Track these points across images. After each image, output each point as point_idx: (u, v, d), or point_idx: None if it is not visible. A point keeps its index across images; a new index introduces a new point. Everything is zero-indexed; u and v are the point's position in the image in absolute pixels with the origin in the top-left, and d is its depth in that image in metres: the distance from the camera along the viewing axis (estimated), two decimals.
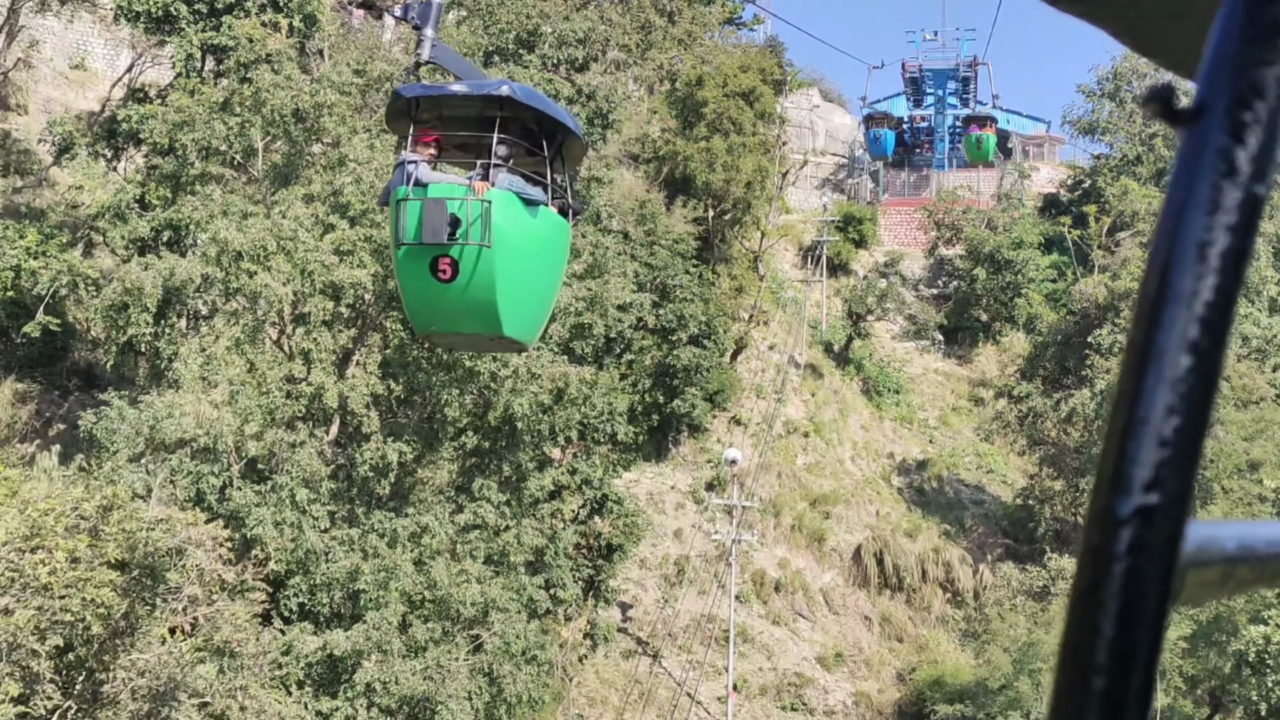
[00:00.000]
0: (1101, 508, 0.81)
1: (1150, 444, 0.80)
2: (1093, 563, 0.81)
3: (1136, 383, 0.81)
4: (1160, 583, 0.80)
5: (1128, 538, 0.80)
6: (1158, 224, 0.83)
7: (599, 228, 44.61)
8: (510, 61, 42.01)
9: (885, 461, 64.68)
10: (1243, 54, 0.84)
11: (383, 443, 33.86)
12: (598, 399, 41.77)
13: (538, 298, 14.67)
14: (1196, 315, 0.81)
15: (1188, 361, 0.81)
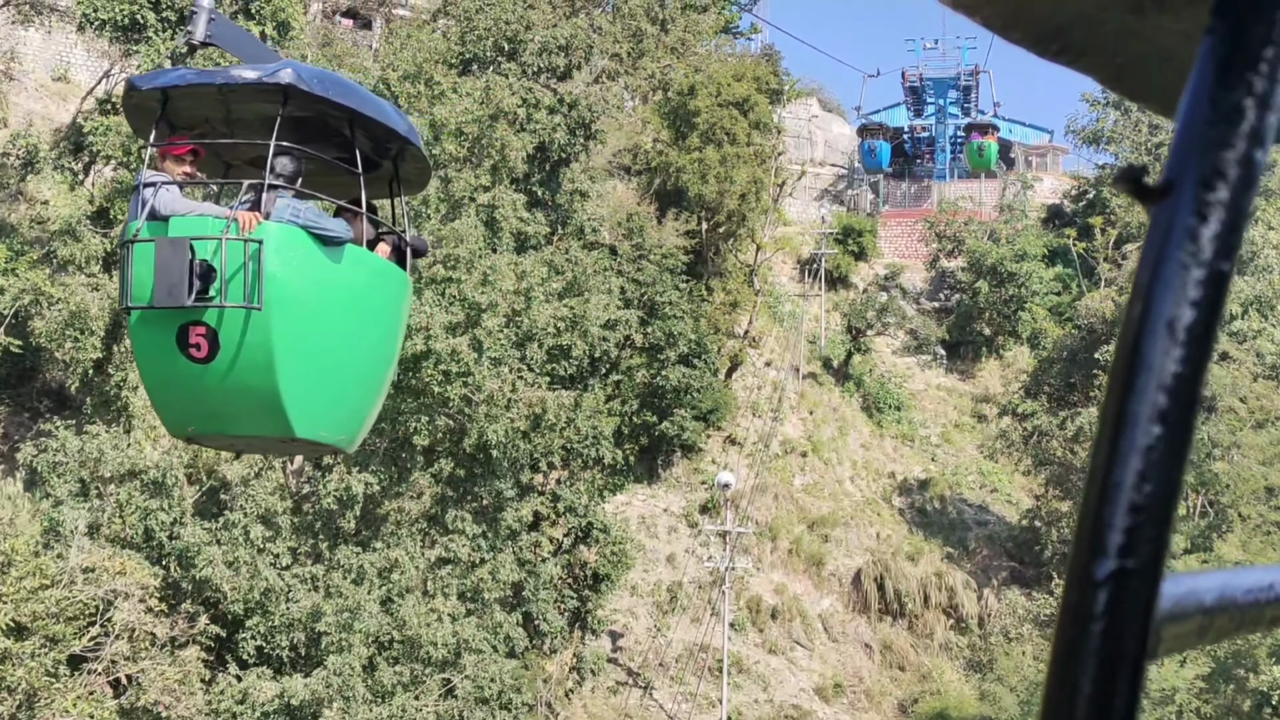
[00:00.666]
0: (1079, 569, 0.84)
1: (1124, 509, 0.82)
2: (1072, 622, 0.83)
3: (1110, 450, 0.83)
4: (1137, 641, 0.82)
5: (1104, 599, 0.82)
6: (1129, 298, 0.85)
7: (583, 243, 42.34)
8: (489, 69, 39.75)
9: (886, 481, 62.29)
10: (1207, 136, 0.86)
11: (346, 473, 31.55)
12: (582, 422, 39.51)
13: (349, 380, 10.52)
14: (1166, 385, 0.83)
15: (1158, 430, 0.83)
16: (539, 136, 39.31)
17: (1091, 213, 77.69)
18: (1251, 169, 0.86)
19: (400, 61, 34.60)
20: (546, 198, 40.82)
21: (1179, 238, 0.84)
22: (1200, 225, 0.84)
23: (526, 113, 39.37)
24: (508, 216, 33.67)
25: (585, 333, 35.67)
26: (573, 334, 35.34)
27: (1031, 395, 59.02)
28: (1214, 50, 0.89)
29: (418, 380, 31.72)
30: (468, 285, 31.75)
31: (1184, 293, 0.83)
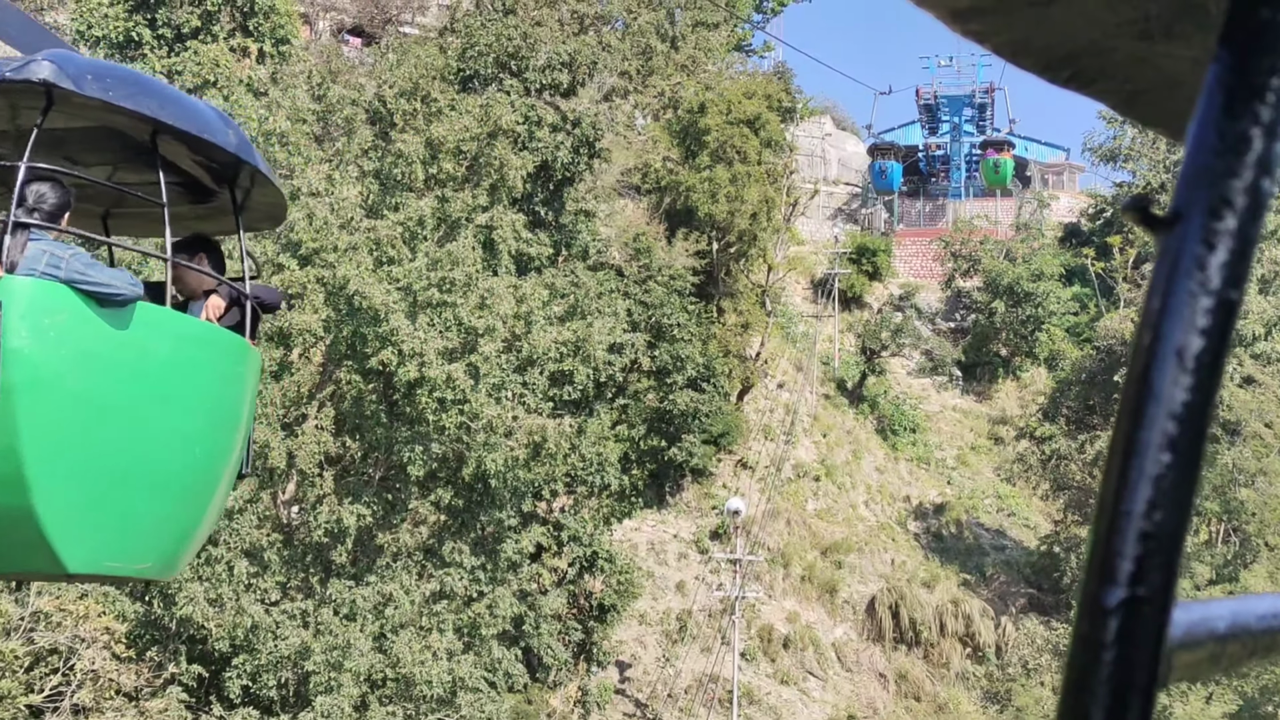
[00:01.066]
0: (1090, 598, 0.84)
1: (1134, 537, 0.82)
2: (1083, 651, 0.83)
3: (1120, 478, 0.83)
4: (1147, 670, 0.83)
5: (1115, 628, 0.82)
6: (1137, 326, 0.86)
7: (588, 264, 40.99)
8: (490, 86, 38.47)
9: (901, 505, 60.73)
10: (1214, 165, 0.86)
11: (338, 505, 30.18)
12: (586, 449, 38.15)
13: (150, 490, 7.68)
14: (1175, 414, 0.83)
15: (1168, 458, 0.83)
16: (541, 155, 38.01)
17: (1109, 231, 76.15)
18: (1259, 198, 0.86)
19: (396, 78, 33.36)
20: (550, 218, 39.51)
21: (1188, 266, 0.84)
22: (1209, 254, 0.84)
23: (529, 131, 38.09)
24: (506, 238, 32.34)
25: (588, 357, 34.25)
26: (575, 359, 33.93)
27: (1049, 418, 57.45)
28: (1220, 80, 0.89)
29: (412, 408, 30.35)
30: (464, 309, 30.39)
31: (1193, 321, 0.83)
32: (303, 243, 29.96)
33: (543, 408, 35.80)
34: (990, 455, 67.70)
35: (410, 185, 32.85)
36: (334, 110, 32.19)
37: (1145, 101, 1.18)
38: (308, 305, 29.36)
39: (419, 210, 31.36)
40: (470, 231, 32.10)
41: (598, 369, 38.51)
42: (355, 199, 30.89)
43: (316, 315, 29.18)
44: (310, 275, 29.48)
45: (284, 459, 28.89)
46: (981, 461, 67.10)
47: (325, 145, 33.11)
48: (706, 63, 62.06)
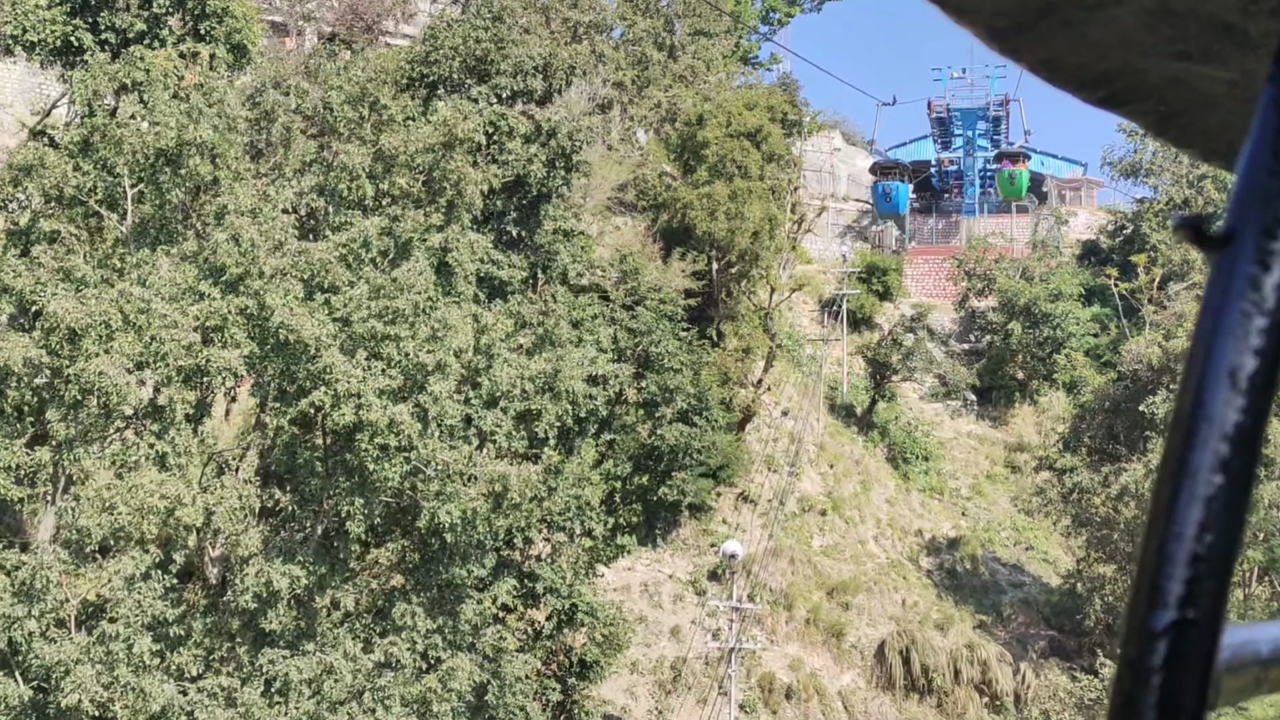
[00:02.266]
0: (1138, 622, 0.82)
1: (1184, 560, 0.81)
2: (1130, 676, 0.81)
3: (1171, 500, 0.82)
4: (1197, 694, 0.81)
5: (1164, 651, 0.80)
6: (1189, 346, 0.85)
7: (569, 288, 36.88)
8: (457, 93, 34.36)
9: (913, 540, 56.32)
10: (1268, 185, 0.86)
11: (267, 565, 25.98)
12: (563, 491, 33.94)
13: None
14: (1228, 435, 0.82)
15: (1220, 480, 0.82)
16: (513, 169, 33.90)
17: (1130, 249, 71.75)
18: None
19: (341, 83, 29.24)
20: (524, 238, 35.36)
21: (1240, 287, 0.82)
22: (1263, 274, 0.82)
23: (498, 142, 34.01)
24: (463, 261, 28.11)
25: (559, 394, 30.01)
26: (544, 396, 29.69)
27: (1070, 448, 52.97)
28: (1276, 99, 0.88)
29: (351, 456, 26.14)
30: (410, 343, 26.18)
31: (1246, 342, 0.81)
32: (227, 268, 25.80)
33: (516, 447, 31.68)
34: (1007, 485, 63.31)
35: (359, 203, 28.71)
36: (270, 118, 28.07)
37: (1179, 123, 1.15)
38: (229, 339, 25.19)
39: (363, 230, 27.18)
40: (422, 254, 27.91)
41: (577, 403, 34.35)
42: (290, 219, 26.73)
43: (238, 351, 25.00)
44: (233, 305, 25.31)
45: (201, 515, 24.68)
46: (998, 491, 62.71)
47: (264, 158, 28.97)
48: (706, 73, 57.91)
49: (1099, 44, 1.07)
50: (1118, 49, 1.06)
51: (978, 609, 52.98)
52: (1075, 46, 1.07)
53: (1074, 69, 1.10)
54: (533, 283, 37.99)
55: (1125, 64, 1.08)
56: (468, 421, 29.51)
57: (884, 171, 74.88)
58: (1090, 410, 52.62)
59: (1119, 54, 1.07)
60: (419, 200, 29.47)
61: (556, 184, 34.79)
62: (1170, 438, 0.83)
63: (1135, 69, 1.09)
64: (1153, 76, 1.09)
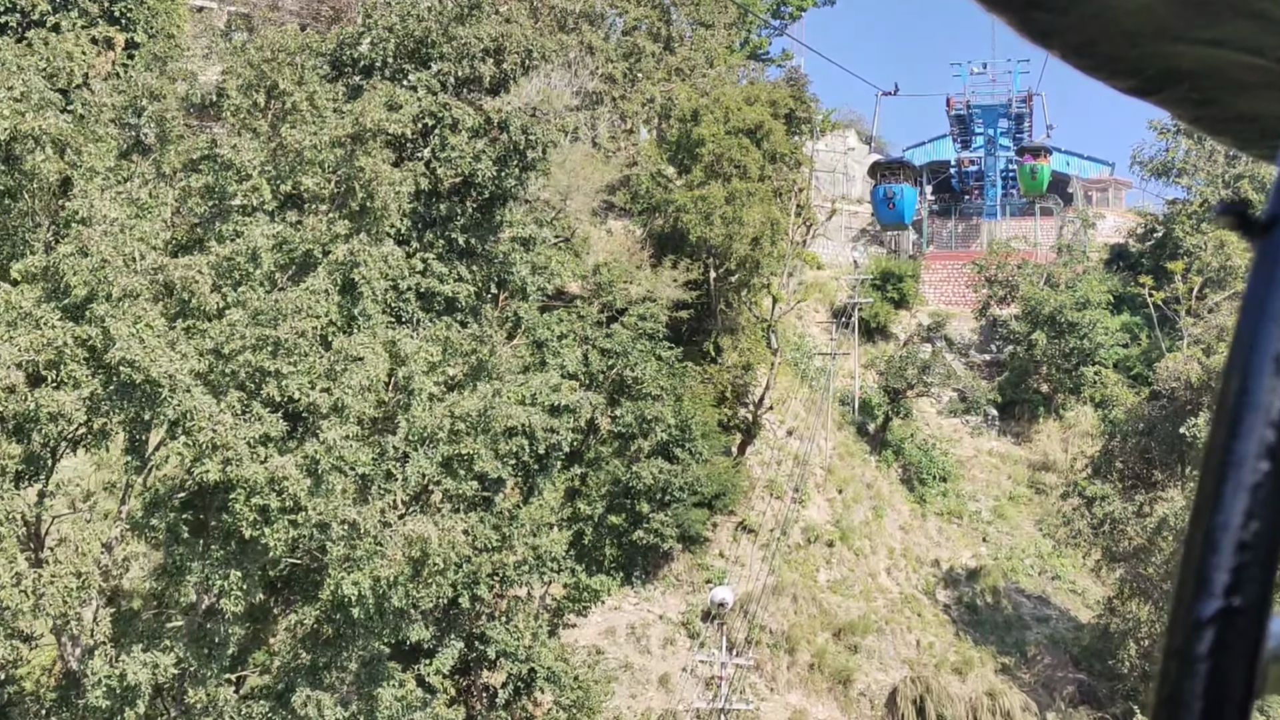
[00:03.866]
0: (1183, 610, 0.81)
1: (1231, 548, 0.79)
2: (1176, 665, 0.79)
3: (1216, 488, 0.80)
4: (1244, 682, 0.79)
5: (1210, 640, 0.79)
6: (1234, 332, 0.83)
7: (526, 304, 31.40)
8: (393, 80, 28.86)
9: (929, 572, 50.54)
10: None
11: (124, 655, 20.58)
12: (519, 541, 28.51)
13: None
14: (1274, 422, 0.79)
15: (1266, 467, 0.79)
16: (456, 167, 28.43)
17: (1162, 254, 65.68)
18: None
19: (237, 65, 23.85)
20: (475, 247, 29.88)
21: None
22: None
23: (441, 136, 28.53)
24: (370, 278, 22.62)
25: (496, 438, 24.47)
26: (477, 438, 24.14)
27: (1101, 474, 47.07)
28: None
29: (227, 520, 20.67)
30: (297, 380, 20.70)
31: None
32: (73, 289, 20.38)
33: (464, 490, 26.22)
34: (1031, 506, 57.44)
35: (256, 208, 23.24)
36: (136, 106, 22.66)
37: (1212, 111, 1.10)
38: (65, 378, 19.75)
39: (250, 241, 21.70)
40: (324, 271, 22.41)
41: (534, 438, 28.85)
42: (155, 228, 21.25)
43: (77, 393, 19.57)
44: (75, 334, 19.88)
45: (28, 598, 19.26)
46: (1021, 514, 56.86)
47: (146, 155, 23.55)
48: (706, 67, 52.26)
49: (1131, 31, 1.01)
50: (1150, 36, 1.00)
51: (999, 649, 47.21)
52: (1107, 33, 1.01)
53: (1106, 56, 1.04)
54: (494, 298, 32.51)
55: (1157, 51, 1.01)
56: (389, 475, 24.02)
57: (886, 172, 60.28)
58: (1122, 431, 46.72)
59: (1151, 41, 1.01)
60: (335, 205, 24.01)
61: (510, 185, 29.24)
62: (1214, 425, 0.80)
63: (1167, 56, 1.02)
64: (1185, 63, 1.03)
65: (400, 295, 28.24)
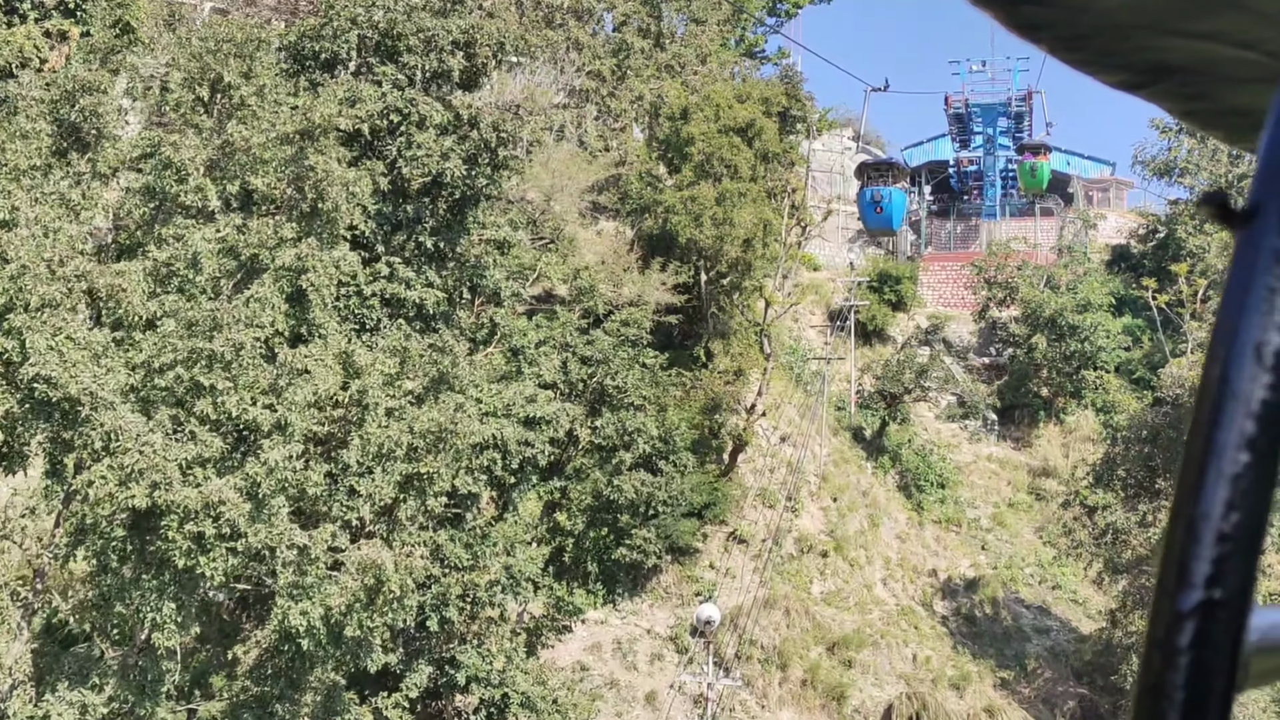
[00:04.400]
0: (1165, 602, 0.80)
1: (1211, 539, 0.78)
2: (1158, 657, 0.79)
3: (1197, 479, 0.79)
4: (1225, 674, 0.79)
5: (1191, 631, 0.78)
6: (1215, 323, 0.83)
7: (501, 309, 29.65)
8: (358, 75, 27.09)
9: (926, 582, 48.72)
10: None
11: (48, 691, 18.83)
12: (491, 560, 26.79)
13: None
14: (1254, 413, 0.79)
15: (1246, 458, 0.79)
16: (423, 165, 26.67)
17: (1164, 255, 63.87)
18: None
19: (180, 57, 22.11)
20: (444, 250, 28.12)
21: (1266, 262, 0.80)
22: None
23: (407, 134, 26.78)
24: (320, 285, 20.85)
25: (460, 455, 22.71)
26: (438, 456, 22.37)
27: (1103, 482, 45.25)
28: None
29: (161, 545, 18.91)
30: (235, 396, 18.93)
31: (1271, 317, 0.79)
32: None
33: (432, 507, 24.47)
34: (1031, 513, 55.63)
35: (199, 210, 21.48)
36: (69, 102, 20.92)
37: (1204, 105, 1.08)
38: None
39: (191, 247, 19.94)
40: (270, 277, 20.65)
41: (508, 452, 27.14)
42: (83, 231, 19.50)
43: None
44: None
45: None
46: (1021, 521, 55.04)
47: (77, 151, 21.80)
48: (698, 64, 50.46)
49: (1122, 24, 1.00)
50: (1141, 29, 0.99)
51: (999, 662, 45.40)
52: (1097, 27, 1.00)
53: (1095, 50, 1.02)
54: (468, 304, 30.73)
55: (1148, 45, 1.00)
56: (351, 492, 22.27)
57: (874, 174, 55.60)
58: (1125, 439, 44.89)
59: (1142, 34, 1.00)
60: (286, 206, 22.24)
61: (481, 184, 27.46)
62: (1195, 415, 0.80)
63: (1158, 49, 1.01)
64: (1176, 57, 1.02)
65: (364, 301, 26.48)
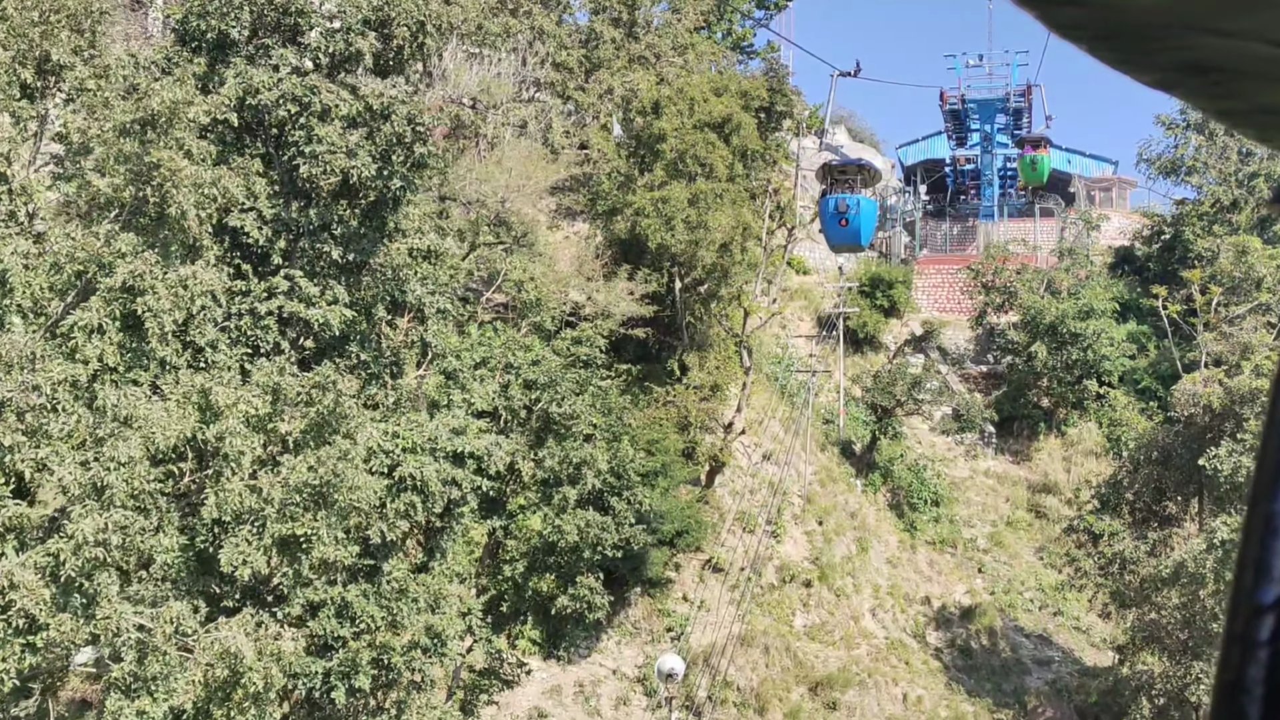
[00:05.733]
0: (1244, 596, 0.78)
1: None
2: (1237, 652, 0.77)
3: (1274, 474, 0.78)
4: None
5: (1271, 626, 0.76)
6: None
7: (425, 327, 25.43)
8: (253, 60, 22.84)
9: (918, 611, 44.44)
10: None
11: None
12: (410, 620, 22.63)
13: None
14: None
15: None
16: (327, 165, 22.43)
17: (1170, 257, 59.53)
18: None
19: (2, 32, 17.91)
20: (354, 263, 23.89)
21: None
22: None
23: (308, 126, 22.55)
24: (159, 310, 16.62)
25: (347, 515, 18.48)
26: (316, 516, 18.12)
27: (1110, 507, 40.93)
28: None
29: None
30: (25, 455, 14.73)
31: None
32: None
33: (340, 559, 20.28)
34: (1031, 532, 51.38)
35: (10, 216, 17.24)
36: None
37: (1236, 104, 1.03)
38: None
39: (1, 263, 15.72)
40: (97, 301, 16.44)
41: (429, 495, 22.95)
42: None
43: None
44: None
45: None
46: (1020, 541, 50.78)
47: None
48: (673, 55, 46.15)
49: (1155, 23, 0.95)
50: (1174, 28, 0.94)
51: (996, 699, 41.15)
52: (1132, 25, 0.95)
53: (1133, 50, 0.96)
54: (393, 322, 26.47)
55: (1181, 43, 0.94)
56: (202, 560, 18.06)
57: (839, 176, 43.72)
58: (1134, 459, 40.57)
59: (1175, 33, 0.94)
60: (129, 212, 17.99)
61: (395, 186, 23.18)
62: (1271, 407, 0.77)
63: (1191, 48, 0.95)
64: (1209, 56, 0.97)
65: (258, 321, 22.24)
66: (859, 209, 40.33)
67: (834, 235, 42.00)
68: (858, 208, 40.24)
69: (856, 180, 41.99)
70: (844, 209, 40.07)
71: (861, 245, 42.54)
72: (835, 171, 43.12)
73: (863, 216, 40.50)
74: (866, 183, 41.88)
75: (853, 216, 39.94)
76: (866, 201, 40.79)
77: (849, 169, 43.27)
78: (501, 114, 38.19)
